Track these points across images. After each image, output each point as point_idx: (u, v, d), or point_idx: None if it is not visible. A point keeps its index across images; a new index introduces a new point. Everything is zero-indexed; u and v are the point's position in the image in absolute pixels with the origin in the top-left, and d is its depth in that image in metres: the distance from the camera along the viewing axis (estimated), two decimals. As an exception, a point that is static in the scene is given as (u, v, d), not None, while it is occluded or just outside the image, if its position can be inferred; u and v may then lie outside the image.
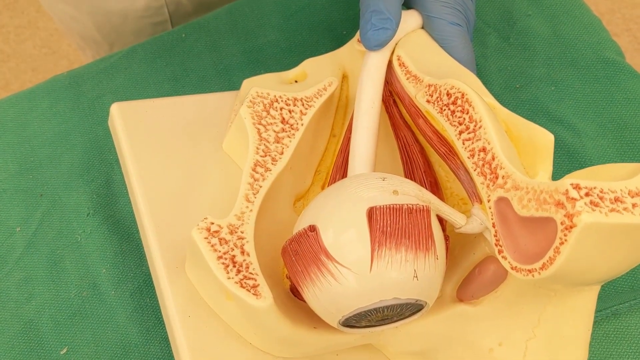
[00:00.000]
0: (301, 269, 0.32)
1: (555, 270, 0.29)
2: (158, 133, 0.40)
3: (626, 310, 0.42)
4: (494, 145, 0.33)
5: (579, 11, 0.52)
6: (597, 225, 0.28)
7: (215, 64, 0.51)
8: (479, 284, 0.35)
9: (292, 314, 0.34)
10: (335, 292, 0.31)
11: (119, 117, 0.40)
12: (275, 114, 0.38)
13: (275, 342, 0.34)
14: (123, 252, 0.44)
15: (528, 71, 0.50)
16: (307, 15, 0.53)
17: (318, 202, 0.34)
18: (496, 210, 0.32)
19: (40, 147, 0.49)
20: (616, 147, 0.47)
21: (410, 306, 0.32)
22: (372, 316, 0.32)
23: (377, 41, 0.38)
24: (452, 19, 0.40)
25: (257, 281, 0.33)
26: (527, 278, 0.30)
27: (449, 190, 0.39)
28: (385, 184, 0.33)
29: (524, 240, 0.30)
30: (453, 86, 0.35)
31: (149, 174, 0.38)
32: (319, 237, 0.32)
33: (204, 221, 0.34)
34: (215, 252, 0.33)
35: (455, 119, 0.35)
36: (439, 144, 0.37)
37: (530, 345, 0.34)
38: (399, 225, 0.31)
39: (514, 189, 0.31)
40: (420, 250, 0.31)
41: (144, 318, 0.42)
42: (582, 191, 0.28)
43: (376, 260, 0.31)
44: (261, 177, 0.36)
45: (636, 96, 0.49)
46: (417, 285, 0.31)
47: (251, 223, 0.35)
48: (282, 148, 0.37)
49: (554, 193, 0.29)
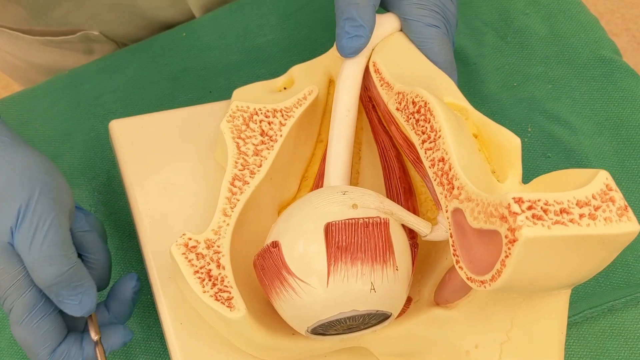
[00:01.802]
0: (267, 282, 0.34)
1: (503, 282, 0.29)
2: (154, 147, 0.42)
3: (622, 306, 0.42)
4: (451, 155, 0.33)
5: (576, 10, 0.53)
6: (538, 239, 0.28)
7: (215, 63, 0.52)
8: (451, 289, 0.35)
9: (271, 320, 0.36)
10: (297, 305, 0.33)
11: (117, 133, 0.42)
12: (255, 127, 0.39)
13: (256, 348, 0.36)
14: (124, 249, 0.45)
15: (525, 69, 0.51)
16: (306, 14, 0.54)
17: (282, 218, 0.35)
18: (453, 220, 0.33)
19: (42, 145, 0.49)
20: (612, 145, 0.48)
21: (373, 316, 0.33)
22: (337, 326, 0.33)
23: (350, 49, 0.39)
24: (429, 21, 0.40)
25: (232, 294, 0.34)
26: (480, 289, 0.31)
27: (423, 195, 0.40)
28: (345, 198, 0.34)
29: (479, 251, 0.31)
30: (417, 94, 0.35)
31: (145, 186, 0.41)
32: (280, 253, 0.33)
33: (182, 237, 0.36)
34: (192, 267, 0.35)
35: (419, 127, 0.35)
36: (409, 151, 0.37)
37: (505, 347, 0.35)
38: (354, 240, 0.32)
39: (467, 200, 0.32)
40: (377, 263, 0.32)
41: (145, 314, 0.43)
42: (524, 205, 0.28)
43: (332, 274, 0.32)
44: (239, 191, 0.37)
45: (632, 94, 0.49)
46: (375, 296, 0.32)
47: (227, 237, 0.36)
48: (261, 160, 0.38)
49: (498, 206, 0.29)
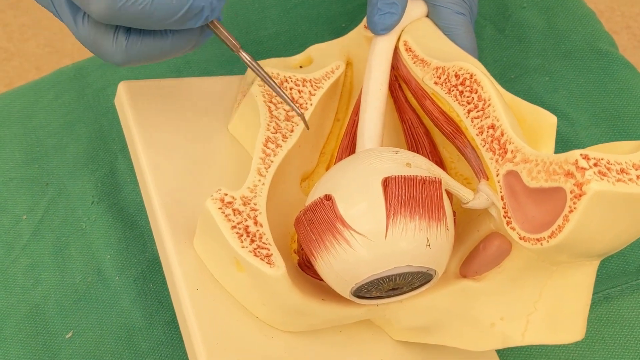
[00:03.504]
0: (316, 237, 0.33)
1: (563, 238, 0.30)
2: (165, 112, 0.40)
3: (618, 293, 0.43)
4: (502, 122, 0.34)
5: (573, 3, 0.53)
6: (605, 193, 0.29)
7: (217, 56, 0.52)
8: (483, 259, 0.36)
9: (300, 287, 0.35)
10: (350, 259, 0.32)
11: (126, 95, 0.40)
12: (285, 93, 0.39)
13: (283, 314, 0.35)
14: (127, 239, 0.45)
15: (523, 62, 0.51)
16: (307, 8, 0.54)
17: (333, 173, 0.34)
18: (505, 183, 0.33)
19: (46, 137, 0.50)
20: (609, 136, 0.48)
21: (421, 275, 0.33)
22: (384, 284, 0.33)
23: (383, 25, 0.40)
24: (457, 8, 0.41)
25: (270, 251, 0.33)
26: (536, 247, 0.31)
27: (453, 170, 0.40)
28: (398, 156, 0.34)
29: (532, 211, 0.32)
30: (461, 68, 0.37)
31: (156, 151, 0.39)
32: (334, 206, 0.32)
33: (218, 192, 0.34)
34: (229, 222, 0.34)
35: (464, 98, 0.36)
36: (446, 124, 0.38)
37: (532, 319, 0.35)
38: (413, 195, 0.32)
39: (523, 162, 0.32)
40: (432, 219, 0.32)
41: (148, 302, 0.43)
42: (590, 161, 0.29)
43: (391, 227, 0.32)
44: (272, 153, 0.37)
45: (629, 86, 0.50)
46: (430, 253, 0.32)
47: (263, 196, 0.35)
48: (292, 126, 0.38)
49: (563, 164, 0.30)
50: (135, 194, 0.47)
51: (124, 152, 0.49)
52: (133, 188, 0.47)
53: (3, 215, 0.47)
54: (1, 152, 0.49)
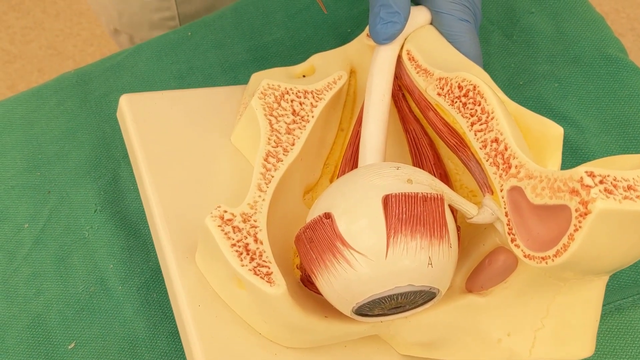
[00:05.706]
0: (315, 256, 0.32)
1: (568, 256, 0.29)
2: (167, 125, 0.40)
3: (629, 305, 0.42)
4: (506, 135, 0.33)
5: (582, 8, 0.52)
6: (611, 212, 0.28)
7: (221, 62, 0.52)
8: (489, 274, 0.35)
9: (303, 303, 0.34)
10: (350, 278, 0.31)
11: (127, 109, 0.40)
12: (286, 106, 0.38)
13: (285, 331, 0.34)
14: (130, 248, 0.45)
15: (531, 68, 0.51)
16: (311, 13, 0.54)
17: (332, 190, 0.34)
18: (509, 199, 0.32)
19: (48, 144, 0.49)
20: (619, 144, 0.48)
21: (424, 294, 0.33)
22: (386, 304, 0.32)
23: (385, 35, 0.39)
24: (461, 15, 0.41)
25: (271, 269, 0.33)
26: (541, 265, 0.30)
27: (458, 183, 0.40)
28: (399, 172, 0.33)
29: (537, 228, 0.31)
30: (464, 79, 0.36)
31: (158, 165, 0.38)
32: (334, 224, 0.32)
33: (217, 209, 0.34)
34: (229, 239, 0.33)
35: (467, 110, 0.35)
36: (450, 136, 0.37)
37: (539, 335, 0.34)
38: (414, 213, 0.31)
39: (527, 177, 0.32)
40: (434, 237, 0.31)
41: (151, 313, 0.43)
42: (596, 179, 0.28)
43: (392, 246, 0.31)
44: (273, 167, 0.36)
45: (639, 93, 0.49)
46: (431, 272, 0.32)
47: (264, 212, 0.35)
48: (294, 139, 0.37)
49: (568, 181, 0.29)
50: (139, 202, 0.47)
51: (127, 159, 0.48)
52: (136, 196, 0.47)
53: (4, 223, 0.47)
54: (3, 160, 0.49)
